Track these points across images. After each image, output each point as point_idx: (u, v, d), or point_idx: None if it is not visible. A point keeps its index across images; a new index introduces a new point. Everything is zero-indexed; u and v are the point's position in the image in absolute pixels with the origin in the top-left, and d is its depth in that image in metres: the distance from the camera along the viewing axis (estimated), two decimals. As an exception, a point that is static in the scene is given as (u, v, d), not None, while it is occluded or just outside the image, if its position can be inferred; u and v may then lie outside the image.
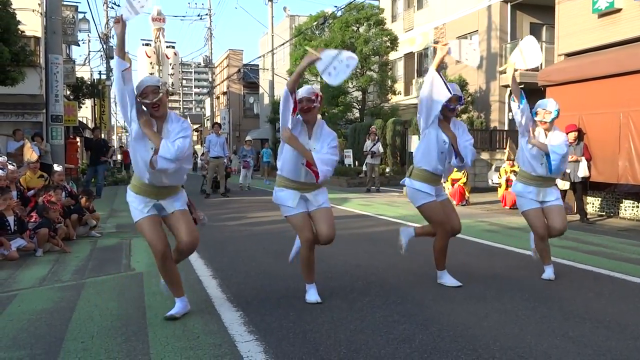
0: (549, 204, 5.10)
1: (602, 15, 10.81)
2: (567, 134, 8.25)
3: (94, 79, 30.79)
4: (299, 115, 4.28)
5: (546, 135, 5.09)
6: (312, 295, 4.39)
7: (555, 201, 5.10)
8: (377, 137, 16.84)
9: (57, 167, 9.14)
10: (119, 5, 33.15)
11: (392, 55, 25.55)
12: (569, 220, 7.74)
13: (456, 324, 3.82)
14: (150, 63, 16.03)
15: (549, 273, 5.14)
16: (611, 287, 4.92)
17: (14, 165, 7.67)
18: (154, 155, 3.71)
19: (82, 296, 4.71)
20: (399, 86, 25.87)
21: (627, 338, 3.54)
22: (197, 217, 4.17)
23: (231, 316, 4.05)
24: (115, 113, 46.55)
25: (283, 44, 30.78)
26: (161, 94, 3.79)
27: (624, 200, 10.12)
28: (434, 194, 4.77)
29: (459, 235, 5.20)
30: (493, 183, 12.60)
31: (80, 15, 23.57)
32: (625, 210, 10.05)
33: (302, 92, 4.26)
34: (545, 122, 5.05)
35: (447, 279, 4.91)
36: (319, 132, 4.29)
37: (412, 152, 16.20)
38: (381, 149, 16.74)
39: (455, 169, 6.08)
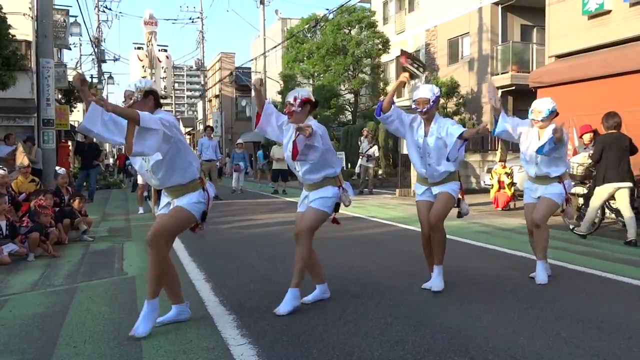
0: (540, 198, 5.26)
1: (592, 16, 10.90)
2: (581, 135, 8.28)
3: (85, 83, 30.58)
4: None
5: (539, 137, 5.14)
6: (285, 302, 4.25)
7: (543, 194, 5.19)
8: (373, 140, 16.84)
9: (60, 171, 9.12)
10: (110, 9, 33.11)
11: (384, 58, 25.63)
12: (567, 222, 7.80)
13: (449, 326, 3.83)
14: (143, 66, 16.03)
15: (538, 274, 5.08)
16: (603, 287, 4.95)
17: (4, 170, 7.62)
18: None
19: (74, 301, 4.69)
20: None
21: (619, 338, 3.56)
22: (200, 227, 4.08)
23: (224, 319, 4.05)
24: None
25: (275, 47, 30.76)
26: (132, 100, 3.79)
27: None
28: (420, 193, 4.94)
29: (450, 237, 5.21)
30: (485, 184, 12.62)
31: (72, 19, 23.47)
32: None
33: (288, 95, 4.32)
34: (538, 121, 5.16)
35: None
36: None
37: (405, 154, 16.31)
38: (377, 153, 16.75)
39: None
